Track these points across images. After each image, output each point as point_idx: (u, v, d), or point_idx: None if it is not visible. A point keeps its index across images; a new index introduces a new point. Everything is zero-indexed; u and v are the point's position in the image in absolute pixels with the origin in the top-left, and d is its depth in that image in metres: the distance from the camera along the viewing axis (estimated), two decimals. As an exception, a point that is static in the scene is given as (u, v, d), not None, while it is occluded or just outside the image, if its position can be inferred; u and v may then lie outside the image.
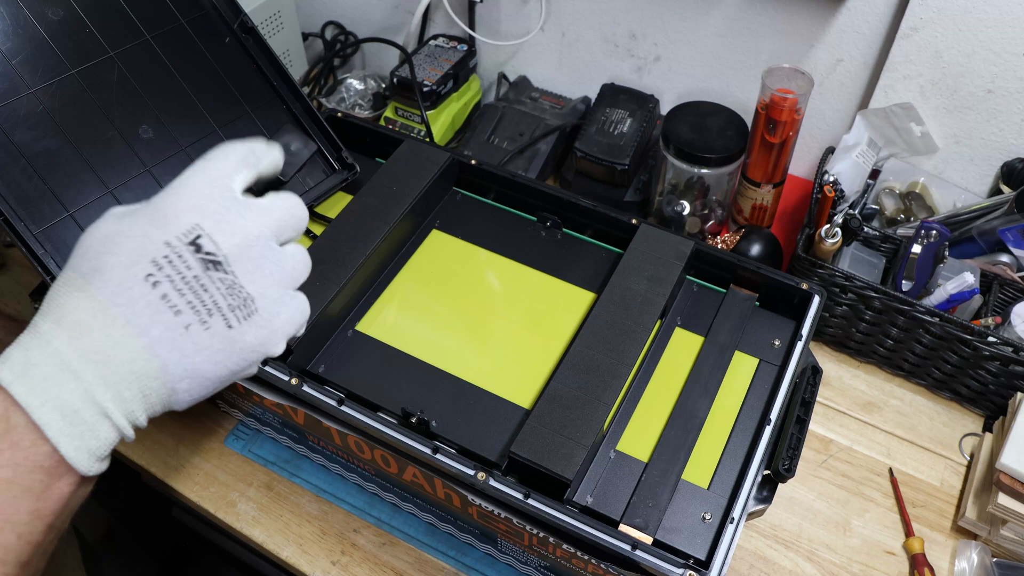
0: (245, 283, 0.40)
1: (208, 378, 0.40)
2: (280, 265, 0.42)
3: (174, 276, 0.38)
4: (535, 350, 0.72)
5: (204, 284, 0.38)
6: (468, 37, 1.16)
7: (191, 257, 0.38)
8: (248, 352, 0.41)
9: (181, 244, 0.38)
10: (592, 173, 1.04)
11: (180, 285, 0.38)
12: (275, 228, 0.42)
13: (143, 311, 0.37)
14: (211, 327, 0.39)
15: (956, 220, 0.92)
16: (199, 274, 0.38)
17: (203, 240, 0.39)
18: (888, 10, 0.90)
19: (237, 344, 0.40)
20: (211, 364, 0.39)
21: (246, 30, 0.80)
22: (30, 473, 0.36)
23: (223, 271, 0.39)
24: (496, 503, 0.61)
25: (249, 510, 0.79)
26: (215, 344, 0.39)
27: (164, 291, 0.38)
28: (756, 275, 0.75)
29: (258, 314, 0.41)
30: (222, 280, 0.39)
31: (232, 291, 0.39)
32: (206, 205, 0.39)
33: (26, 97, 0.67)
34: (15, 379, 0.36)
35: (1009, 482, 0.73)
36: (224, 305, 0.39)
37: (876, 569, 0.77)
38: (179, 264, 0.38)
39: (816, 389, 0.69)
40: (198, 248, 0.39)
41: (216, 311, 0.39)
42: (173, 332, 0.38)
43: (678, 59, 1.07)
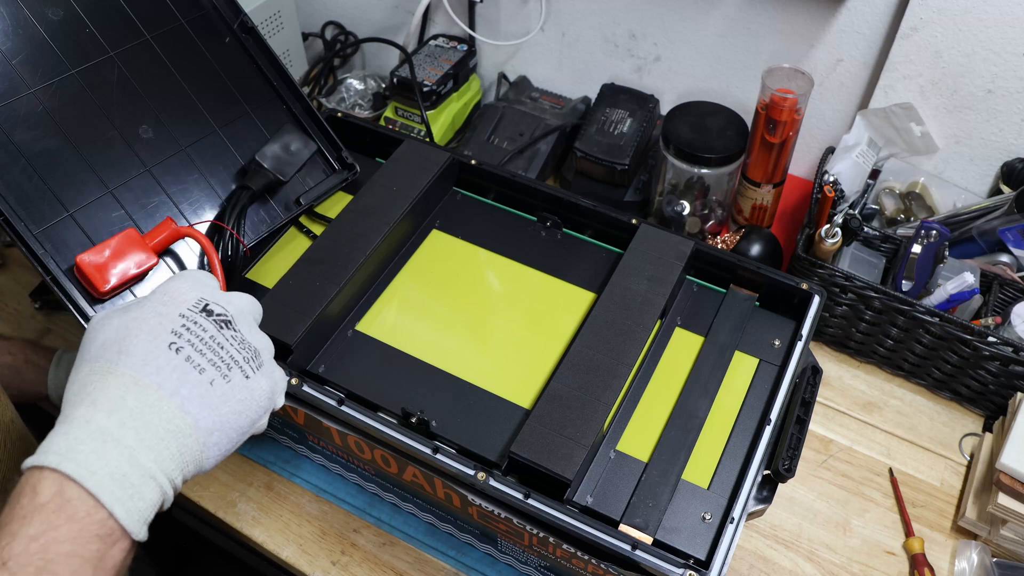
0: (250, 339, 0.46)
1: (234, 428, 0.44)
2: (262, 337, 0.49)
3: (194, 340, 0.43)
4: (535, 350, 0.72)
5: (220, 342, 0.44)
6: (468, 37, 1.16)
7: (205, 321, 0.44)
8: (263, 400, 0.46)
9: (194, 312, 0.44)
10: (592, 173, 1.04)
11: (200, 347, 0.43)
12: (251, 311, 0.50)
13: (171, 375, 0.41)
14: (231, 380, 0.44)
15: (956, 220, 0.92)
16: (214, 334, 0.43)
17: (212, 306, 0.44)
18: (888, 10, 0.90)
19: (255, 392, 0.45)
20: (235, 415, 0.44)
21: (246, 30, 0.80)
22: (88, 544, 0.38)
23: (233, 328, 0.45)
24: (496, 503, 0.61)
25: (249, 510, 0.79)
26: (236, 394, 0.44)
27: (187, 354, 0.42)
28: (756, 275, 0.75)
29: (265, 365, 0.46)
30: (234, 336, 0.44)
31: (243, 346, 0.45)
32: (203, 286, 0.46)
33: (26, 97, 0.67)
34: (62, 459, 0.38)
35: (1009, 482, 0.73)
36: (240, 358, 0.44)
37: (876, 569, 0.77)
38: (196, 329, 0.43)
39: (816, 389, 0.69)
40: (209, 312, 0.44)
41: (234, 364, 0.44)
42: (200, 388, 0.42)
43: (678, 59, 1.07)
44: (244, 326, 0.46)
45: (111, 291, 0.65)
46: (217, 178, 0.76)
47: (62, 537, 0.37)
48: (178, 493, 0.79)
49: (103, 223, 0.69)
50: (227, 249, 0.72)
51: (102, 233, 0.68)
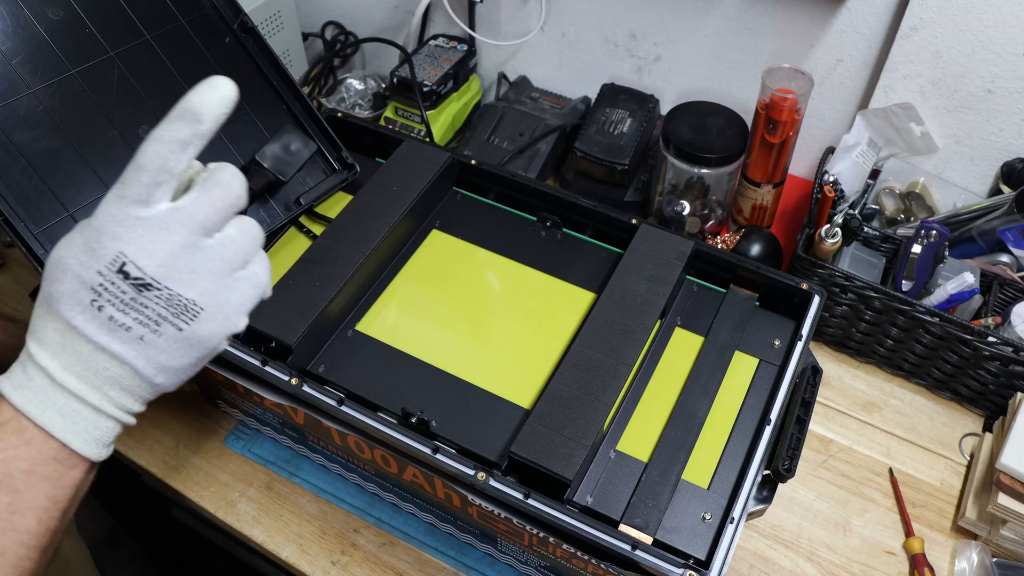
0: (182, 291, 0.42)
1: (180, 367, 0.43)
2: (217, 258, 0.43)
3: (114, 300, 0.41)
4: (535, 350, 0.72)
5: (142, 303, 0.41)
6: (468, 37, 1.16)
7: (123, 283, 0.41)
8: (207, 341, 0.43)
9: (111, 272, 0.41)
10: (592, 173, 1.04)
11: (121, 307, 0.41)
12: (201, 226, 0.42)
13: (98, 330, 0.41)
14: (163, 333, 0.42)
15: (956, 220, 0.91)
16: (135, 296, 0.41)
17: (128, 267, 0.41)
18: (888, 10, 0.90)
19: (193, 339, 0.43)
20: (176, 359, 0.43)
21: (246, 30, 0.80)
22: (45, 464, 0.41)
23: (156, 289, 0.41)
24: (496, 503, 0.61)
25: (249, 510, 0.79)
26: (172, 345, 0.42)
27: (110, 313, 0.41)
28: (756, 275, 0.75)
29: (204, 311, 0.43)
30: (158, 296, 0.41)
31: (171, 302, 0.42)
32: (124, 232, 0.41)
33: (26, 97, 0.67)
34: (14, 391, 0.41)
35: (1009, 482, 0.73)
36: (168, 315, 0.42)
37: (876, 569, 0.77)
38: (114, 290, 0.41)
39: (816, 389, 0.69)
40: (126, 275, 0.41)
41: (163, 320, 0.42)
42: (131, 344, 0.41)
43: (678, 59, 1.07)
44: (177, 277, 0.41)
45: None
46: (217, 178, 0.76)
47: (21, 456, 0.41)
48: (181, 498, 0.80)
49: (103, 223, 0.69)
50: (227, 249, 0.72)
51: (102, 233, 0.68)
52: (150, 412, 0.88)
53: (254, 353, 0.67)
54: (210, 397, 0.84)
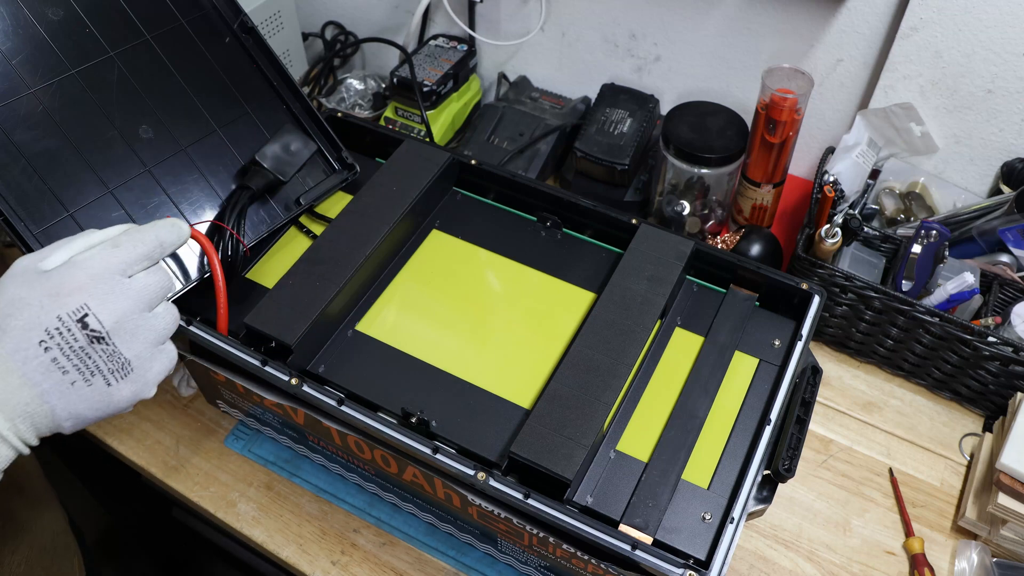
0: (124, 350, 0.48)
1: (89, 419, 0.48)
2: (152, 329, 0.50)
3: (63, 345, 0.46)
4: (535, 350, 0.72)
5: (88, 353, 0.47)
6: (468, 37, 1.16)
7: (79, 332, 0.47)
8: (123, 402, 0.49)
9: (71, 320, 0.46)
10: (592, 173, 1.04)
11: (67, 352, 0.46)
12: (148, 301, 0.50)
13: (36, 369, 0.45)
14: (93, 384, 0.47)
15: (956, 220, 0.92)
16: (84, 346, 0.47)
17: (89, 319, 0.47)
18: (888, 10, 0.90)
19: (115, 397, 0.48)
20: (92, 411, 0.48)
21: (246, 30, 0.80)
22: None
23: (105, 343, 0.47)
24: (496, 503, 0.61)
25: (249, 510, 0.79)
26: (95, 397, 0.47)
27: (54, 355, 0.46)
28: (756, 275, 0.75)
29: (134, 372, 0.49)
30: (104, 350, 0.47)
31: (112, 358, 0.48)
32: (96, 287, 0.48)
33: (26, 97, 0.67)
34: None
35: (1009, 482, 0.73)
36: (105, 369, 0.48)
37: (876, 569, 0.77)
38: (68, 336, 0.46)
39: (816, 389, 0.69)
40: (85, 325, 0.47)
41: (98, 372, 0.47)
42: (61, 387, 0.46)
43: (678, 59, 1.07)
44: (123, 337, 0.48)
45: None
46: (217, 178, 0.76)
47: None
48: (179, 497, 0.80)
49: (103, 223, 0.69)
50: (227, 249, 0.72)
51: (102, 233, 0.68)
52: (150, 412, 0.88)
53: (254, 353, 0.67)
54: (210, 397, 0.84)
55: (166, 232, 0.54)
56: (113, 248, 0.50)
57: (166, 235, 0.53)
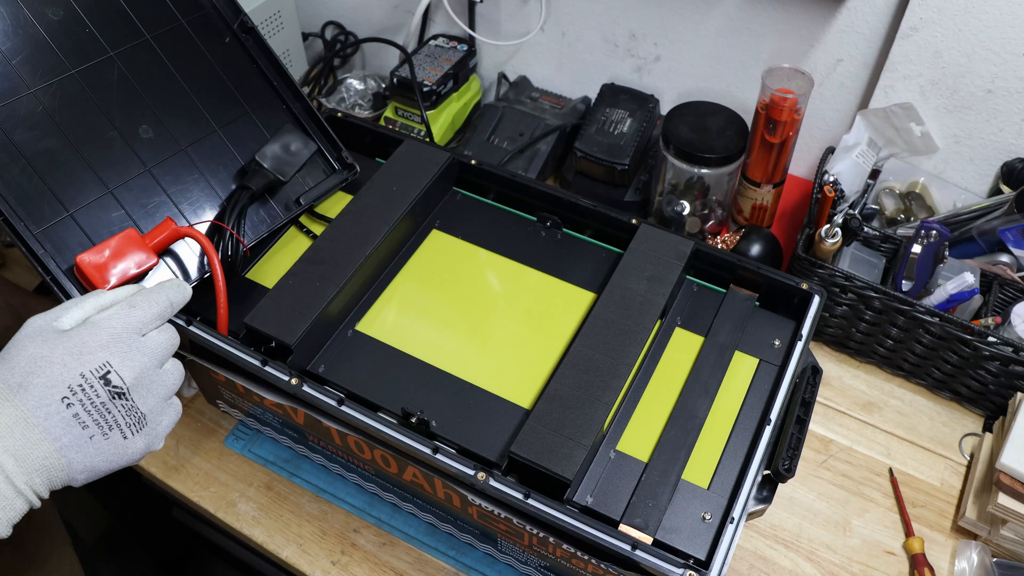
0: (140, 405, 0.51)
1: (102, 471, 0.50)
2: (164, 384, 0.53)
3: (85, 401, 0.48)
4: (535, 350, 0.72)
5: (109, 409, 0.49)
6: (468, 37, 1.16)
7: (101, 389, 0.49)
8: (136, 454, 0.52)
9: (94, 377, 0.49)
10: (592, 173, 1.04)
11: (89, 408, 0.48)
12: (160, 358, 0.54)
13: (57, 424, 0.47)
14: (111, 439, 0.50)
15: (956, 220, 0.92)
16: (106, 401, 0.49)
17: (112, 376, 0.50)
18: (888, 10, 0.90)
19: (129, 449, 0.51)
20: (106, 463, 0.50)
21: (246, 30, 0.80)
22: None
23: (125, 399, 0.50)
24: (496, 503, 0.61)
25: (249, 510, 0.79)
26: (111, 450, 0.50)
27: (76, 411, 0.48)
28: (756, 275, 0.75)
29: (147, 426, 0.52)
30: (123, 406, 0.50)
31: (130, 413, 0.50)
32: (116, 345, 0.51)
33: (26, 97, 0.67)
34: None
35: (1009, 482, 0.73)
36: (123, 423, 0.50)
37: (876, 569, 0.77)
38: (90, 392, 0.49)
39: (816, 389, 0.69)
40: (107, 382, 0.49)
41: (116, 427, 0.50)
42: (79, 441, 0.48)
43: (678, 59, 1.07)
44: (140, 392, 0.51)
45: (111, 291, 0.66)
46: (217, 178, 0.76)
47: None
48: (179, 497, 0.80)
49: (103, 223, 0.69)
50: (227, 249, 0.72)
51: (102, 233, 0.68)
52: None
53: (254, 353, 0.67)
54: (210, 397, 0.84)
55: (175, 293, 0.57)
56: (130, 308, 0.53)
57: (175, 295, 0.57)
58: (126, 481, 0.91)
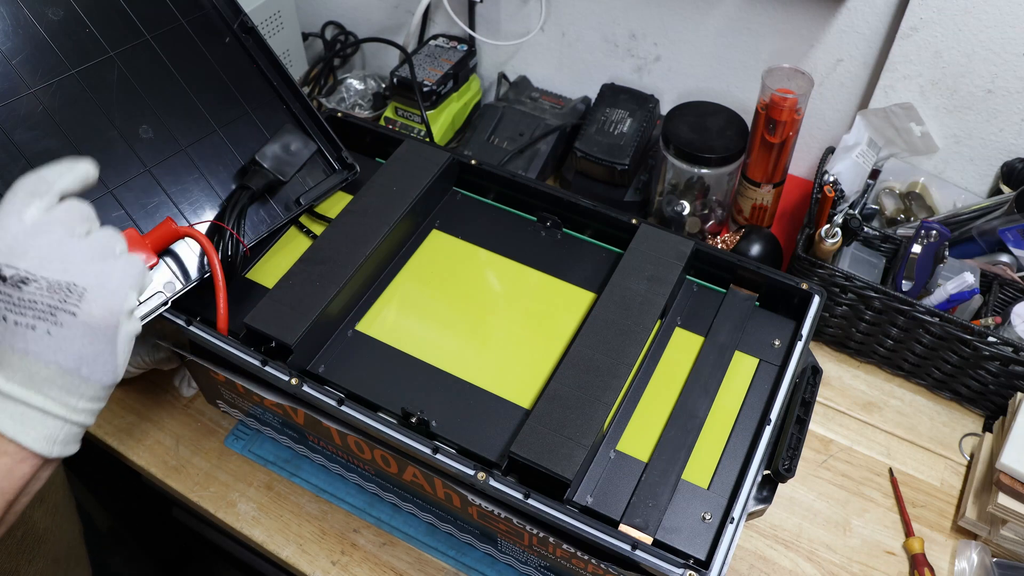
0: (60, 278, 0.47)
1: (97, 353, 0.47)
2: (81, 249, 0.48)
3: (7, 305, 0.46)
4: (535, 350, 0.72)
5: (30, 299, 0.46)
6: (468, 37, 1.16)
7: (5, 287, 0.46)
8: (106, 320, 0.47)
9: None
10: (592, 173, 1.04)
11: (14, 309, 0.46)
12: (66, 228, 0.49)
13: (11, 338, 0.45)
14: (62, 322, 0.46)
15: (956, 220, 0.92)
16: (20, 295, 0.46)
17: (4, 270, 0.46)
18: (888, 10, 0.90)
19: (92, 321, 0.47)
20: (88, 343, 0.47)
21: (246, 30, 0.80)
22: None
23: (35, 280, 0.46)
24: (496, 503, 0.61)
25: (249, 510, 0.79)
26: (76, 332, 0.46)
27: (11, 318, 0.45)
28: (756, 275, 0.75)
29: (89, 291, 0.47)
30: (39, 287, 0.46)
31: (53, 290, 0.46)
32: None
33: (26, 97, 0.67)
34: None
35: (1009, 482, 0.73)
36: (57, 303, 0.46)
37: (876, 569, 0.77)
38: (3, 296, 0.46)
39: (816, 389, 0.69)
40: (4, 278, 0.46)
41: (56, 310, 0.46)
42: (41, 342, 0.46)
43: (678, 59, 1.07)
44: (51, 267, 0.47)
45: None
46: (217, 178, 0.76)
47: None
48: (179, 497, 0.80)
49: (103, 223, 0.68)
50: (227, 249, 0.72)
51: (102, 233, 0.68)
52: (150, 412, 0.88)
53: (254, 353, 0.67)
54: (210, 397, 0.84)
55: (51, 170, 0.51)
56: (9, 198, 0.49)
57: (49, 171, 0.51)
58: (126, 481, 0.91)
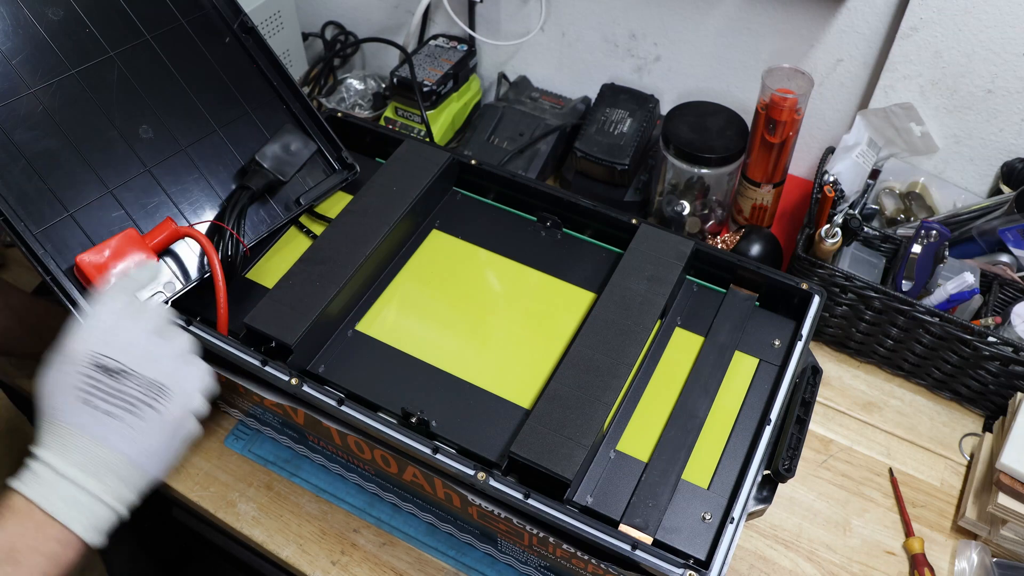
0: (150, 375, 0.52)
1: (162, 449, 0.52)
2: (167, 350, 0.54)
3: (99, 394, 0.51)
4: (535, 350, 0.72)
5: (121, 390, 0.51)
6: (468, 37, 1.16)
7: (103, 377, 0.51)
8: (178, 419, 0.53)
9: (90, 369, 0.51)
10: (592, 173, 1.04)
11: (106, 398, 0.51)
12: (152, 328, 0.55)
13: (94, 425, 0.50)
14: (143, 416, 0.51)
15: (956, 220, 0.91)
16: (116, 386, 0.51)
17: (104, 361, 0.52)
18: (888, 10, 0.90)
19: (167, 417, 0.52)
20: (158, 440, 0.52)
21: (246, 30, 0.80)
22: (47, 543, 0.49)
23: (130, 375, 0.52)
24: (496, 503, 0.61)
25: (249, 510, 0.79)
26: (152, 426, 0.51)
27: (95, 404, 0.50)
28: (756, 275, 0.75)
29: (170, 390, 0.53)
30: (132, 381, 0.52)
31: (144, 386, 0.52)
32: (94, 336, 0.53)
33: (26, 97, 0.67)
34: (26, 487, 0.49)
35: (1009, 482, 0.73)
36: (144, 398, 0.52)
37: (876, 569, 0.77)
38: (98, 384, 0.51)
39: (816, 389, 0.69)
40: (104, 369, 0.51)
41: (141, 404, 0.51)
42: (121, 431, 0.50)
43: (678, 59, 1.07)
44: (143, 364, 0.52)
45: None
46: (217, 178, 0.76)
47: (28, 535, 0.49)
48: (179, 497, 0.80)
49: (103, 223, 0.69)
50: (227, 249, 0.72)
51: (102, 233, 0.68)
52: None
53: (254, 353, 0.67)
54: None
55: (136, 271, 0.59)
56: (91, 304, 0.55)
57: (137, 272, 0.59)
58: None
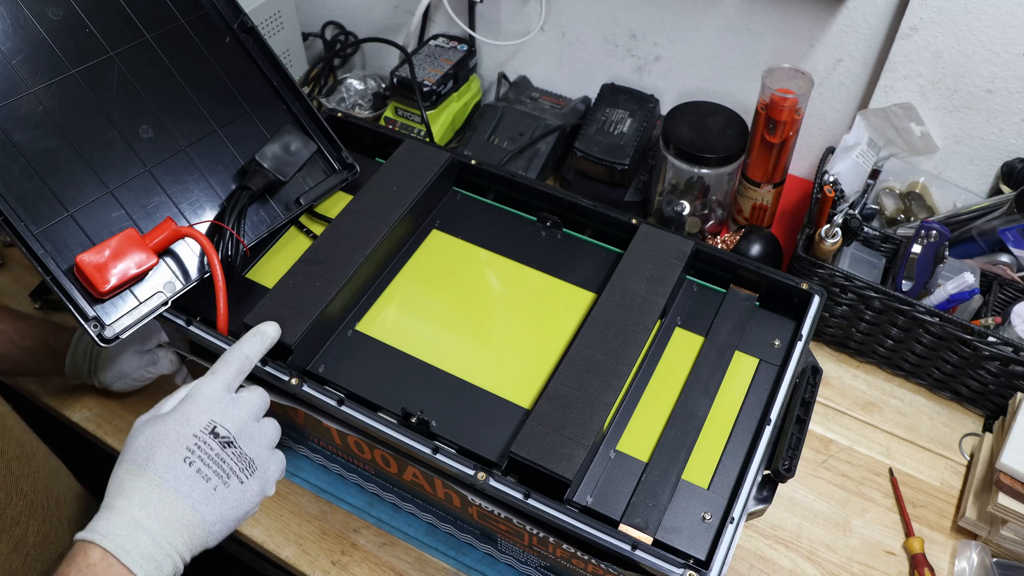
0: (248, 451, 0.58)
1: (231, 518, 0.56)
2: (264, 435, 0.60)
3: (203, 456, 0.55)
4: (535, 350, 0.72)
5: (223, 458, 0.56)
6: (468, 37, 1.16)
7: (212, 442, 0.56)
8: (254, 496, 0.57)
9: (204, 434, 0.56)
10: (592, 173, 1.04)
11: (207, 462, 0.55)
12: (256, 412, 0.60)
13: (185, 482, 0.54)
14: (230, 486, 0.56)
15: (956, 220, 0.92)
16: (219, 452, 0.56)
17: (219, 429, 0.57)
18: (888, 10, 0.90)
19: (247, 492, 0.57)
20: (232, 509, 0.56)
21: (246, 30, 0.80)
22: None
23: (234, 447, 0.57)
24: (496, 503, 0.61)
25: (249, 510, 0.79)
26: (234, 495, 0.56)
27: (198, 467, 0.55)
28: (756, 275, 0.75)
29: (258, 469, 0.58)
30: (234, 453, 0.57)
31: (241, 459, 0.57)
32: (215, 406, 0.57)
33: (26, 97, 0.67)
34: (105, 539, 0.51)
35: (1009, 482, 0.73)
36: (237, 469, 0.56)
37: (876, 569, 0.77)
38: (205, 448, 0.55)
39: (816, 389, 0.69)
40: (216, 435, 0.56)
41: (233, 474, 0.56)
42: (207, 493, 0.55)
43: (678, 59, 1.07)
44: (245, 440, 0.58)
45: (111, 291, 0.66)
46: (217, 178, 0.76)
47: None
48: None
49: (103, 223, 0.69)
50: (227, 249, 0.72)
51: (102, 233, 0.68)
52: (150, 412, 0.87)
53: (254, 353, 0.67)
54: (210, 397, 0.84)
55: (249, 345, 0.62)
56: (212, 375, 0.59)
57: (249, 348, 0.62)
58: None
